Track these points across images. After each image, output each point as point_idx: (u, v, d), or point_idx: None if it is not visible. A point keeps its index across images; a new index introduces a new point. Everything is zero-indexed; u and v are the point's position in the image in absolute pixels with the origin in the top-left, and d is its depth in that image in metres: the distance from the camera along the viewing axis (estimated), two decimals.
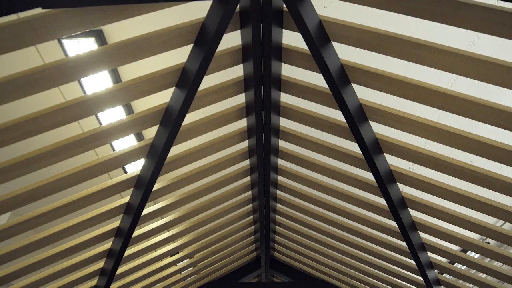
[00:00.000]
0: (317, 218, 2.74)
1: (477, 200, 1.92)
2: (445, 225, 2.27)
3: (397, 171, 2.04)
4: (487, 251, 2.22)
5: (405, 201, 2.21)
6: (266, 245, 3.21)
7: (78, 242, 2.25)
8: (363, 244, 2.81)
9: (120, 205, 2.17)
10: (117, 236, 2.34)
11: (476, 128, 1.96)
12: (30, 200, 1.80)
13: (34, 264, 2.16)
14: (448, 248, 2.42)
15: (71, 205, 1.96)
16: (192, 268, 3.34)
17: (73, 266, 2.39)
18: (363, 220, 2.52)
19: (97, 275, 2.62)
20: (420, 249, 2.46)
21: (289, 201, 2.75)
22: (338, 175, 2.26)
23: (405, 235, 2.33)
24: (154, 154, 1.86)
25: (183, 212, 2.52)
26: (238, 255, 3.54)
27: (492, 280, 2.50)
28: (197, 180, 2.28)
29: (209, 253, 3.20)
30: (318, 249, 3.17)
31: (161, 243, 2.66)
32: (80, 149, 1.71)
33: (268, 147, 2.17)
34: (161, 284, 3.21)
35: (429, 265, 2.59)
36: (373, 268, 3.01)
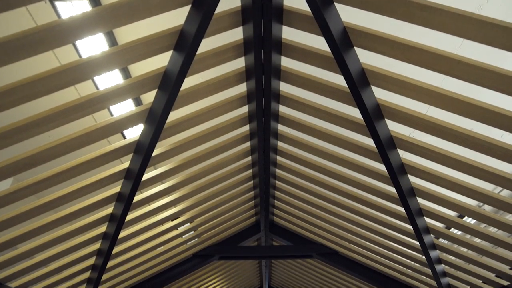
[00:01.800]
0: (316, 183, 2.76)
1: (476, 167, 1.93)
2: (443, 191, 2.30)
3: (398, 137, 2.03)
4: (483, 217, 2.25)
5: (404, 167, 2.22)
6: (265, 210, 3.26)
7: (79, 207, 2.28)
8: (362, 210, 2.85)
9: (120, 171, 2.17)
10: (118, 201, 2.37)
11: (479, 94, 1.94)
12: (30, 166, 1.80)
13: (38, 229, 2.20)
14: (445, 214, 2.46)
15: (71, 170, 1.96)
16: (193, 232, 3.41)
17: (76, 231, 2.44)
18: (362, 185, 2.54)
19: (100, 239, 2.68)
20: (417, 215, 2.50)
21: (289, 167, 2.76)
22: (338, 141, 2.25)
23: (404, 201, 2.36)
24: (153, 119, 1.84)
25: (184, 177, 2.53)
26: (238, 219, 3.60)
27: (487, 244, 2.56)
28: (197, 145, 2.27)
29: (210, 217, 3.25)
30: (316, 214, 3.22)
31: (162, 208, 2.70)
32: (78, 115, 1.68)
33: (268, 112, 2.15)
34: (163, 248, 3.29)
35: (425, 230, 2.64)
36: (370, 232, 3.08)
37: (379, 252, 3.33)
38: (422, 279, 3.43)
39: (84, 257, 2.76)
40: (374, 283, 3.65)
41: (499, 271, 2.63)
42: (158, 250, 3.27)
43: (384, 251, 3.28)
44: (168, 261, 3.55)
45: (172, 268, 3.67)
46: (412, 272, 3.43)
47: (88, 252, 2.74)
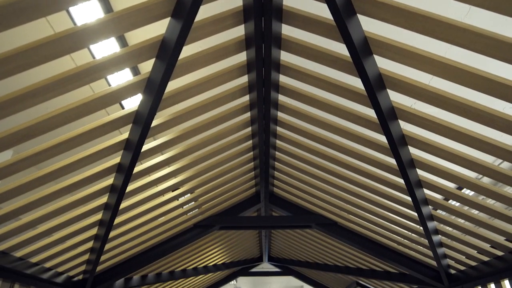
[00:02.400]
0: (316, 154, 2.76)
1: (477, 139, 1.92)
2: (443, 163, 2.29)
3: (399, 107, 2.01)
4: (482, 189, 2.26)
5: (405, 138, 2.21)
6: (265, 181, 3.28)
7: (80, 178, 2.29)
8: (361, 180, 2.86)
9: (119, 141, 2.17)
10: (118, 172, 2.38)
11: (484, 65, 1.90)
12: (29, 137, 1.79)
13: (39, 200, 2.22)
14: (444, 186, 2.47)
15: (70, 141, 1.95)
16: (194, 202, 3.45)
17: (78, 201, 2.46)
18: (362, 156, 2.54)
19: (101, 210, 2.70)
20: (416, 186, 2.51)
21: (289, 138, 2.75)
22: (339, 111, 2.23)
23: (403, 172, 2.37)
24: (151, 89, 1.81)
25: (183, 148, 2.53)
26: (238, 190, 3.63)
27: (484, 216, 2.59)
28: (196, 116, 2.25)
29: (210, 188, 3.28)
30: (316, 184, 3.24)
31: (162, 178, 2.71)
32: (75, 84, 1.65)
33: (268, 82, 2.12)
34: (164, 218, 3.33)
35: (424, 201, 2.66)
36: (369, 203, 3.10)
37: (377, 223, 3.37)
38: (419, 249, 3.49)
39: (86, 227, 2.80)
40: (372, 252, 3.73)
41: (494, 241, 2.68)
42: (159, 220, 3.31)
43: (382, 222, 3.33)
44: (169, 231, 3.60)
45: (173, 238, 3.73)
46: (410, 243, 3.49)
47: (90, 223, 2.78)
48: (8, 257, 2.49)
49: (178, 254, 4.48)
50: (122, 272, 3.65)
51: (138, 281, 4.36)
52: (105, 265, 3.54)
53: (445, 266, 3.35)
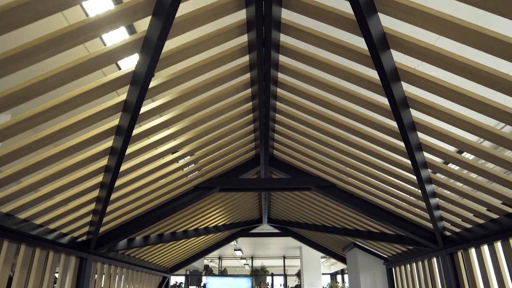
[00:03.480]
0: (317, 116, 2.73)
1: (481, 102, 1.89)
2: (444, 126, 2.27)
3: (403, 69, 1.96)
4: (482, 152, 2.25)
5: (407, 101, 2.18)
6: (265, 143, 3.27)
7: (79, 141, 2.28)
8: (361, 143, 2.85)
9: (117, 103, 2.14)
10: (117, 134, 2.36)
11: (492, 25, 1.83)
12: (25, 99, 1.76)
13: (39, 163, 2.22)
14: (444, 149, 2.47)
15: (68, 103, 1.92)
16: (194, 165, 3.46)
17: (78, 164, 2.46)
18: (363, 119, 2.51)
19: (102, 172, 2.72)
20: (417, 149, 2.51)
21: (289, 99, 2.72)
22: (340, 72, 2.18)
23: (404, 135, 2.35)
24: (148, 48, 1.76)
25: (182, 109, 2.50)
26: (238, 152, 3.63)
27: (482, 180, 2.60)
28: (195, 76, 2.20)
29: (210, 150, 3.28)
30: (316, 147, 3.24)
31: (161, 141, 2.70)
32: (69, 44, 1.60)
33: (269, 42, 2.06)
34: (164, 180, 3.36)
35: (423, 164, 2.67)
36: (368, 166, 3.12)
37: (376, 186, 3.40)
38: (416, 212, 3.55)
39: (88, 189, 2.83)
40: (370, 214, 3.79)
41: (491, 205, 2.71)
42: (159, 182, 3.34)
43: (381, 185, 3.36)
44: (170, 193, 3.65)
45: (174, 200, 3.78)
46: (407, 205, 3.54)
47: (91, 185, 2.80)
48: (12, 219, 2.53)
49: (179, 216, 4.56)
50: (125, 233, 3.73)
51: (141, 241, 4.47)
52: (108, 226, 3.61)
53: (441, 228, 3.42)
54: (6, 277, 2.57)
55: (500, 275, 2.91)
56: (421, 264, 4.47)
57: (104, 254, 4.05)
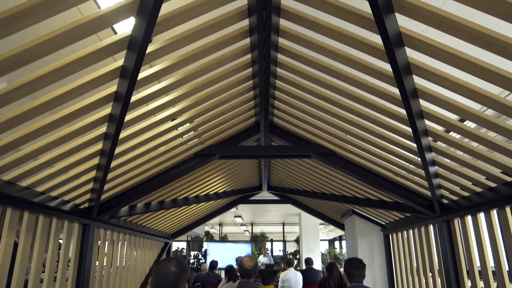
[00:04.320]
0: (317, 83, 2.69)
1: (486, 68, 1.84)
2: (447, 93, 2.24)
3: (407, 33, 1.91)
4: (484, 121, 2.23)
5: (410, 67, 2.13)
6: (265, 110, 3.24)
7: (77, 108, 2.25)
8: (362, 111, 2.83)
9: (115, 69, 2.09)
10: (115, 101, 2.33)
11: None
12: (19, 65, 1.72)
13: (38, 130, 2.20)
14: (446, 117, 2.44)
15: (64, 68, 1.88)
16: (193, 132, 3.45)
17: (77, 131, 2.45)
18: (365, 86, 2.47)
19: (101, 139, 2.71)
20: (418, 117, 2.48)
21: (290, 65, 2.66)
22: (342, 37, 2.12)
23: (406, 102, 2.32)
24: (144, 12, 1.70)
25: (181, 76, 2.46)
26: (238, 119, 3.61)
27: (483, 149, 2.59)
28: (194, 41, 2.14)
29: (209, 117, 3.25)
30: (316, 114, 3.21)
31: (160, 108, 2.68)
32: (62, 6, 1.55)
33: (269, 4, 1.99)
34: (164, 148, 3.36)
35: (424, 132, 2.65)
36: (369, 134, 3.10)
37: (376, 153, 3.41)
38: (414, 180, 3.57)
39: (88, 157, 2.83)
40: (369, 182, 3.82)
41: (490, 174, 2.72)
42: (159, 150, 3.34)
43: (381, 153, 3.36)
44: (170, 161, 3.66)
45: (174, 167, 3.80)
46: (406, 173, 3.56)
47: (91, 152, 2.80)
48: (14, 186, 2.55)
49: (180, 183, 4.60)
50: (126, 200, 3.77)
51: (142, 208, 4.53)
52: (109, 193, 3.65)
53: (439, 196, 3.45)
54: (12, 243, 2.63)
55: (495, 242, 2.97)
56: (418, 231, 4.55)
57: (107, 221, 4.12)
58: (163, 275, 2.02)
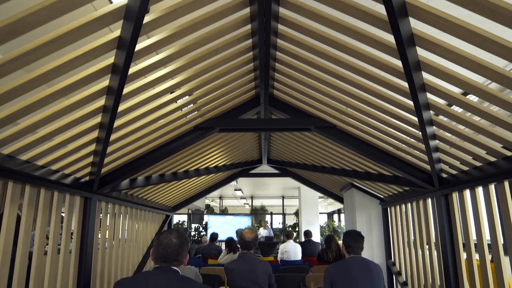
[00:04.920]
0: (319, 54, 2.64)
1: (491, 40, 1.80)
2: (450, 66, 2.20)
3: (412, 3, 1.85)
4: (488, 94, 2.20)
5: (414, 38, 2.08)
6: (265, 82, 3.20)
7: (74, 80, 2.22)
8: (364, 83, 2.79)
9: (112, 40, 2.05)
10: (113, 73, 2.29)
11: None
12: (13, 35, 1.68)
13: (35, 104, 2.18)
14: (449, 90, 2.41)
15: (59, 39, 1.84)
16: (193, 105, 3.42)
17: (75, 104, 2.43)
18: (367, 57, 2.42)
19: (100, 113, 2.68)
20: (420, 90, 2.45)
21: (290, 36, 2.60)
22: (345, 7, 2.05)
23: (408, 75, 2.29)
24: None
25: (179, 47, 2.40)
26: (237, 92, 3.57)
27: (485, 123, 2.57)
28: (192, 11, 2.08)
29: (209, 90, 3.22)
30: (317, 87, 3.17)
31: (159, 80, 2.64)
32: None
33: None
34: (163, 121, 3.34)
35: (426, 106, 2.62)
36: (370, 107, 3.07)
37: (377, 127, 3.39)
38: (414, 154, 3.57)
39: (87, 130, 2.82)
40: (369, 155, 3.82)
41: (491, 148, 2.71)
42: (159, 123, 3.32)
43: (382, 126, 3.34)
44: (170, 134, 3.65)
45: (174, 140, 3.79)
46: (407, 147, 3.55)
47: (90, 126, 2.79)
48: (14, 160, 2.54)
49: (180, 156, 4.61)
50: (127, 173, 3.79)
51: (143, 181, 4.56)
52: (110, 167, 3.66)
53: (438, 170, 3.46)
54: (15, 216, 2.65)
55: (492, 216, 3.00)
56: (416, 204, 4.60)
57: (108, 194, 4.15)
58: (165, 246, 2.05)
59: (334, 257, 6.11)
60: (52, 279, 3.11)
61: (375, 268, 3.21)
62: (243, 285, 3.80)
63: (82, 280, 3.47)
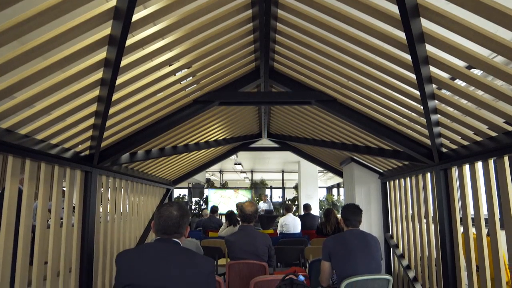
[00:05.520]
0: (320, 25, 2.57)
1: (500, 11, 1.74)
2: (455, 38, 2.14)
3: None
4: (492, 68, 2.15)
5: (418, 8, 2.02)
6: (265, 55, 3.14)
7: (71, 52, 2.17)
8: (366, 56, 2.73)
9: (108, 10, 1.99)
10: (110, 44, 2.24)
11: None
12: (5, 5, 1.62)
13: (31, 77, 2.14)
14: (453, 64, 2.36)
15: (53, 9, 1.79)
16: (192, 78, 3.37)
17: (72, 77, 2.39)
18: (370, 29, 2.36)
19: (98, 86, 2.65)
20: (423, 63, 2.41)
21: (291, 7, 2.53)
22: None
23: (411, 47, 2.24)
24: None
25: (177, 17, 2.34)
26: (237, 65, 3.51)
27: (488, 97, 2.53)
28: None
29: (208, 62, 3.16)
30: (318, 59, 3.12)
31: (157, 52, 2.58)
32: None
33: None
34: (162, 94, 3.30)
35: (428, 79, 2.58)
36: (371, 80, 3.03)
37: (378, 101, 3.36)
38: (416, 128, 3.55)
39: (85, 104, 2.79)
40: (369, 130, 3.81)
41: (492, 123, 2.69)
42: (157, 96, 3.29)
43: (383, 100, 3.31)
44: (169, 107, 3.62)
45: (173, 114, 3.76)
46: (408, 121, 3.53)
47: (88, 99, 2.76)
48: (13, 134, 2.53)
49: (180, 130, 4.59)
50: (127, 147, 3.78)
51: (143, 155, 4.56)
52: (110, 140, 3.65)
53: (438, 144, 3.45)
54: (16, 190, 2.66)
55: (490, 191, 3.01)
56: (415, 179, 4.62)
57: (108, 168, 4.16)
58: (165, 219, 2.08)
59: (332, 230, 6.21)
60: (56, 251, 3.16)
61: (372, 240, 3.27)
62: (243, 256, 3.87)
63: (85, 252, 3.53)
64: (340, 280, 3.05)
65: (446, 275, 3.58)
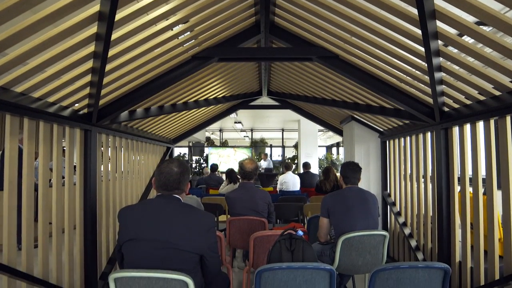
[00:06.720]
0: None
1: None
2: None
3: None
4: (503, 24, 2.06)
5: None
6: (266, 8, 3.01)
7: (62, 5, 2.07)
8: (370, 9, 2.62)
9: None
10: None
11: None
12: None
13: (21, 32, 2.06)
14: (462, 18, 2.26)
15: None
16: (190, 33, 3.27)
17: (65, 32, 2.30)
18: None
19: (93, 41, 2.56)
20: (430, 17, 2.31)
21: None
22: None
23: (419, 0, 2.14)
24: None
25: None
26: (236, 19, 3.39)
27: (497, 55, 2.45)
28: None
29: (206, 16, 3.04)
30: (320, 13, 3.00)
31: (152, 5, 2.47)
32: None
33: None
34: (160, 50, 3.21)
35: (434, 35, 2.49)
36: (376, 36, 2.93)
37: (381, 57, 3.27)
38: (418, 86, 3.49)
39: (80, 60, 2.72)
40: (371, 87, 3.74)
41: (498, 82, 2.63)
42: (155, 52, 3.20)
43: (387, 57, 3.22)
44: (167, 64, 3.53)
45: (172, 70, 3.68)
46: (411, 80, 3.46)
47: (84, 55, 2.68)
48: (9, 92, 2.48)
49: (179, 87, 4.52)
50: (125, 105, 3.74)
51: (142, 113, 4.52)
52: (108, 98, 3.60)
53: (440, 103, 3.40)
54: (16, 148, 2.66)
55: (490, 151, 3.01)
56: (415, 138, 4.61)
57: (108, 126, 4.14)
58: (166, 175, 2.10)
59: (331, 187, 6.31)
60: (59, 209, 3.22)
61: (370, 197, 3.32)
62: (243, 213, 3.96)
63: (88, 210, 3.59)
64: (338, 235, 3.13)
65: (441, 232, 3.67)
